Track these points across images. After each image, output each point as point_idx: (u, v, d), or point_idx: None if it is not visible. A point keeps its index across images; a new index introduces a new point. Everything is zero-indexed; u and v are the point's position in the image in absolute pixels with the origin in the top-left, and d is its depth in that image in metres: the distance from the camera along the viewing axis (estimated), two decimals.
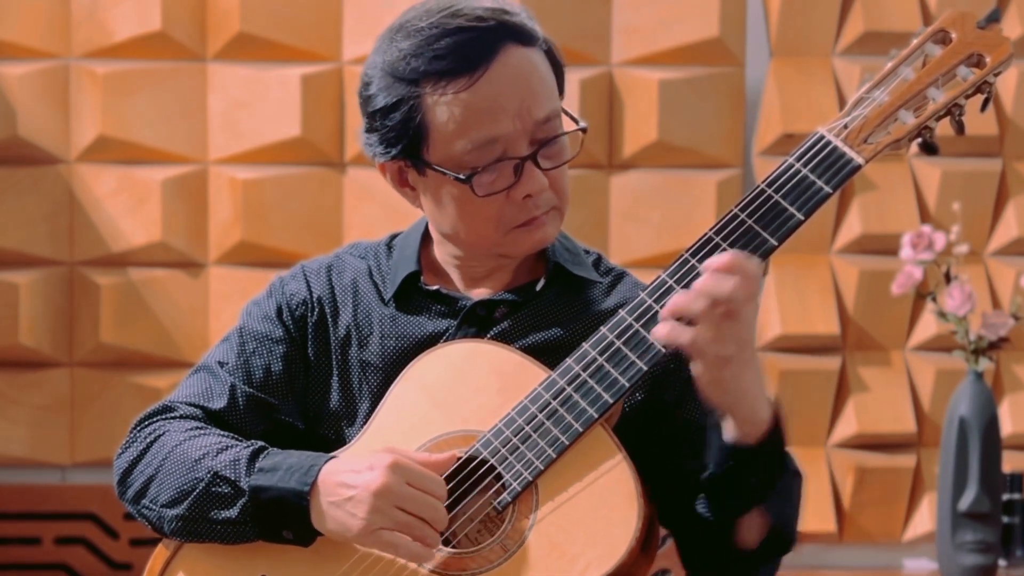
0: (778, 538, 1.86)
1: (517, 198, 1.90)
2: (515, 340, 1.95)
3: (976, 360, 3.49)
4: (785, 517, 1.86)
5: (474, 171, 1.88)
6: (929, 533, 3.85)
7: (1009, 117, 3.94)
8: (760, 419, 1.78)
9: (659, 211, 3.88)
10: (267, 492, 1.83)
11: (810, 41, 3.94)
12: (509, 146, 1.89)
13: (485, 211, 1.91)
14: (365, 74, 1.95)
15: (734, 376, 1.74)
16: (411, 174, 1.96)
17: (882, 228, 3.88)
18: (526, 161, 1.89)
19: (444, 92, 1.87)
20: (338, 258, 2.08)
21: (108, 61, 3.86)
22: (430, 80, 1.87)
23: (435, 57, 1.87)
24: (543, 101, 1.90)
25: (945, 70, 1.81)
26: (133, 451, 1.95)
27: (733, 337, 1.72)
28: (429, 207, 1.97)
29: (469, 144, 1.88)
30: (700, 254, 1.81)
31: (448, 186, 1.91)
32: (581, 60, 3.84)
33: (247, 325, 2.03)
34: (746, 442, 1.78)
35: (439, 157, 1.90)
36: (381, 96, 1.92)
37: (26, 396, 3.87)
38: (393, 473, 1.77)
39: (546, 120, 1.90)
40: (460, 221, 1.93)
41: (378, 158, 1.96)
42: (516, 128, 1.88)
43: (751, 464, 1.79)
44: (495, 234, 1.93)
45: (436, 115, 1.88)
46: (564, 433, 1.81)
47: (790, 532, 1.86)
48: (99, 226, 3.86)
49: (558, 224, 1.96)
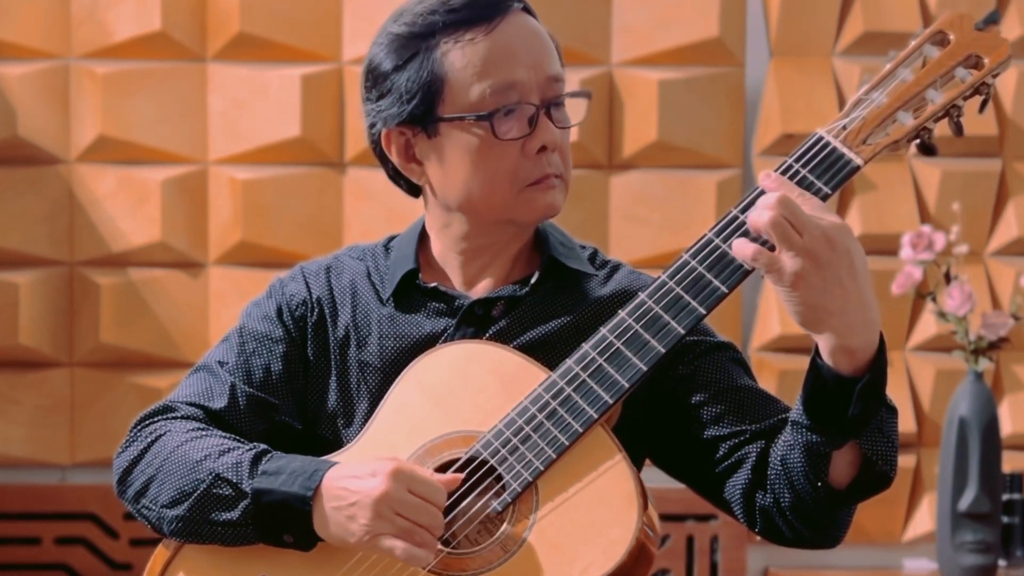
0: (873, 475, 1.81)
1: (531, 151, 1.92)
2: (514, 337, 1.96)
3: (976, 360, 3.49)
4: (880, 453, 1.80)
5: (495, 111, 1.91)
6: (929, 533, 3.86)
7: (1009, 117, 3.94)
8: (853, 348, 1.75)
9: (659, 211, 3.89)
10: (270, 495, 1.83)
11: (810, 41, 3.94)
12: (524, 95, 1.92)
13: (501, 163, 1.92)
14: (369, 54, 1.98)
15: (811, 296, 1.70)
16: (419, 143, 1.96)
17: (882, 228, 3.88)
18: (539, 112, 1.92)
19: (460, 40, 1.91)
20: (336, 260, 2.08)
21: (108, 61, 3.86)
22: (447, 30, 1.91)
23: (451, 10, 1.92)
24: (552, 60, 1.95)
25: (944, 71, 1.81)
26: (133, 450, 1.95)
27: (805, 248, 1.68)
28: (438, 176, 1.97)
29: (488, 88, 1.90)
30: (700, 255, 1.81)
31: (465, 138, 1.92)
32: (581, 60, 3.84)
33: (247, 325, 2.04)
34: (843, 371, 1.76)
35: (456, 106, 1.92)
36: (390, 59, 1.94)
37: (26, 396, 3.87)
38: (395, 480, 1.77)
39: (556, 79, 1.95)
40: (474, 178, 1.93)
41: (388, 123, 1.96)
42: (530, 79, 1.92)
43: (845, 396, 1.76)
44: (508, 191, 1.93)
45: (453, 62, 1.91)
46: (564, 434, 1.81)
47: (888, 468, 1.81)
48: (99, 226, 3.86)
49: (563, 195, 1.97)
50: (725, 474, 1.92)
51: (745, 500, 1.90)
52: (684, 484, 2.00)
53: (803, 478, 1.82)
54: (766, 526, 1.90)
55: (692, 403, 1.94)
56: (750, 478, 1.89)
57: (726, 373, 1.95)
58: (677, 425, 1.95)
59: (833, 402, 1.77)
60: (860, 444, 1.79)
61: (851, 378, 1.76)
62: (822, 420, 1.78)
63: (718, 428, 1.92)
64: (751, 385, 1.96)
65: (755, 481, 1.89)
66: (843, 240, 1.70)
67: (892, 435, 1.82)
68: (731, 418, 1.92)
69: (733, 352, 1.99)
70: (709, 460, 1.93)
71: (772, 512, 1.88)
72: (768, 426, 1.90)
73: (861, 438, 1.79)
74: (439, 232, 2.02)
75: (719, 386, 1.94)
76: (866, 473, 1.81)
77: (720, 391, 1.94)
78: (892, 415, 1.83)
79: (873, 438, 1.80)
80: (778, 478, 1.86)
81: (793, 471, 1.83)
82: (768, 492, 1.88)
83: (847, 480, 1.82)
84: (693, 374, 1.95)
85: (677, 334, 1.81)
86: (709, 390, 1.94)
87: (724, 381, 1.95)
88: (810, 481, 1.81)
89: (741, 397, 1.94)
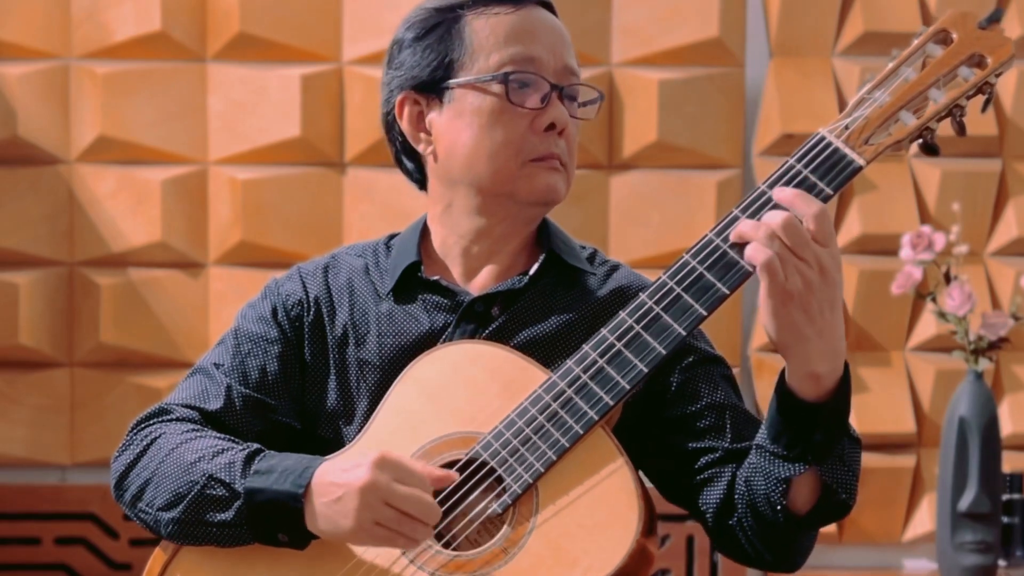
0: (833, 503, 1.83)
1: (540, 127, 1.95)
2: (514, 334, 1.96)
3: (976, 360, 3.49)
4: (842, 482, 1.83)
5: (512, 72, 1.94)
6: (929, 533, 3.86)
7: (1009, 117, 3.94)
8: (819, 374, 1.76)
9: (659, 211, 3.88)
10: (262, 494, 1.83)
11: (810, 41, 3.94)
12: (541, 71, 1.96)
13: (509, 131, 1.94)
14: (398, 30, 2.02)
15: (793, 317, 1.73)
16: (431, 111, 1.99)
17: (882, 228, 3.88)
18: (553, 91, 1.95)
19: (487, 12, 1.96)
20: (334, 258, 2.08)
21: (108, 61, 3.86)
22: (475, 6, 1.97)
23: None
24: (570, 54, 2.01)
25: (946, 71, 1.80)
26: (130, 454, 1.96)
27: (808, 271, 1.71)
28: (445, 144, 1.98)
29: (508, 56, 1.95)
30: (700, 256, 1.81)
31: (478, 101, 1.95)
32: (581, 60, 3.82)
33: (242, 327, 2.04)
34: (805, 396, 1.78)
35: (475, 70, 1.96)
36: (414, 30, 2.00)
37: (26, 396, 3.87)
38: (380, 470, 1.77)
39: (571, 72, 1.99)
40: (482, 144, 1.95)
41: (404, 87, 1.99)
42: (549, 60, 1.97)
43: (810, 421, 1.78)
44: (513, 162, 1.95)
45: (477, 30, 1.96)
46: (564, 435, 1.81)
47: (848, 497, 1.83)
48: (99, 226, 3.86)
49: (566, 184, 1.98)
50: (699, 486, 1.94)
51: (715, 517, 1.92)
52: (655, 486, 2.01)
53: (765, 501, 1.84)
54: (731, 545, 1.93)
55: (679, 413, 1.96)
56: (723, 496, 1.91)
57: (716, 388, 1.97)
58: (660, 430, 1.97)
59: (797, 428, 1.79)
60: (820, 472, 1.81)
61: (814, 404, 1.78)
62: (784, 445, 1.80)
63: (700, 441, 1.94)
64: (737, 404, 1.98)
65: (726, 500, 1.91)
66: (835, 273, 1.73)
67: (853, 464, 1.84)
68: (714, 434, 1.94)
69: (724, 368, 2.01)
70: (686, 470, 1.95)
71: (737, 532, 1.90)
72: (745, 447, 1.91)
73: (822, 465, 1.81)
74: (441, 217, 2.02)
75: (707, 400, 1.96)
76: (825, 500, 1.83)
77: (708, 406, 1.96)
78: (855, 445, 1.85)
79: (834, 466, 1.82)
80: (742, 500, 1.88)
81: (756, 494, 1.85)
82: (734, 513, 1.90)
83: (807, 507, 1.84)
84: (684, 384, 1.97)
85: (678, 335, 1.81)
86: (698, 403, 1.96)
87: (713, 396, 1.97)
88: (771, 505, 1.83)
89: (727, 415, 1.96)
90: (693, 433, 1.94)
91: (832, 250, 1.74)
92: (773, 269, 1.71)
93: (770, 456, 1.82)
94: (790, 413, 1.79)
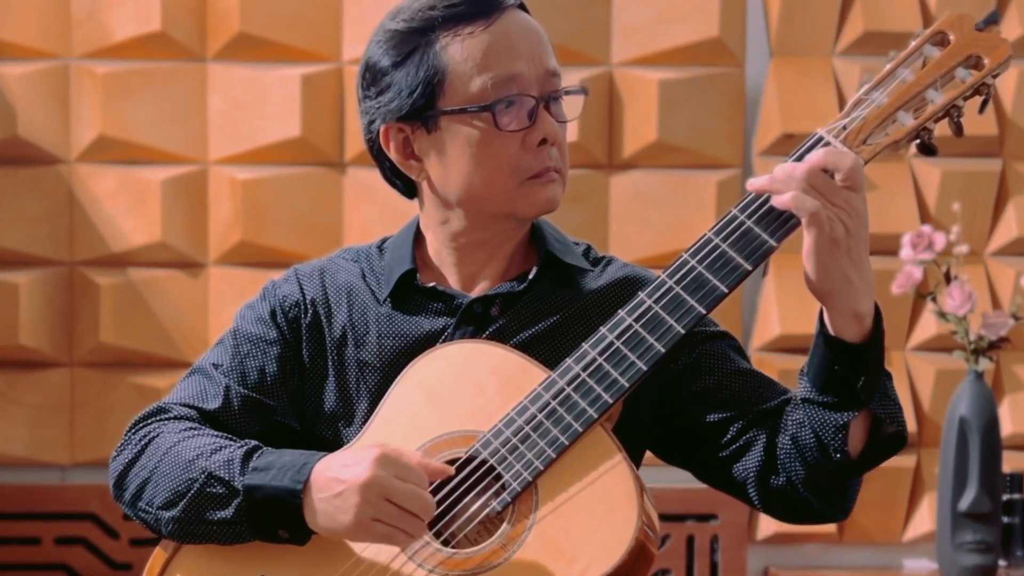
0: (887, 437, 1.86)
1: (532, 144, 1.93)
2: (513, 335, 1.96)
3: (976, 360, 3.49)
4: (892, 415, 1.85)
5: (496, 101, 1.92)
6: (929, 533, 3.86)
7: (1009, 117, 3.94)
8: (863, 313, 1.80)
9: (659, 211, 3.88)
10: (261, 491, 1.83)
11: (810, 41, 3.94)
12: (524, 87, 1.93)
13: (502, 156, 1.93)
14: (368, 50, 1.98)
15: (840, 262, 1.76)
16: (418, 139, 1.97)
17: (882, 228, 3.87)
18: (539, 106, 1.93)
19: (460, 33, 1.92)
20: (331, 261, 2.08)
21: (108, 61, 3.86)
22: (446, 25, 1.93)
23: (449, 5, 1.93)
24: (550, 55, 1.97)
25: (944, 72, 1.81)
26: (128, 454, 1.96)
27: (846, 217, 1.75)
28: (438, 171, 1.97)
29: (489, 80, 1.92)
30: (700, 255, 1.82)
31: (466, 131, 1.93)
32: (581, 60, 3.84)
33: (241, 327, 2.04)
34: (850, 339, 1.80)
35: (457, 98, 1.93)
36: (389, 56, 1.95)
37: (26, 396, 3.87)
38: (380, 466, 1.78)
39: (554, 74, 1.96)
40: (476, 171, 1.94)
41: (387, 119, 1.96)
42: (530, 72, 1.93)
43: (858, 363, 1.81)
44: (510, 184, 1.94)
45: (453, 55, 1.92)
46: (564, 433, 1.81)
47: (902, 428, 1.86)
48: (99, 226, 3.86)
49: (562, 190, 1.98)
50: (733, 457, 1.94)
51: (759, 482, 1.92)
52: (689, 471, 2.01)
53: (820, 452, 1.84)
54: (780, 505, 1.93)
55: (696, 390, 1.96)
56: (763, 459, 1.91)
57: (728, 359, 1.98)
58: (681, 414, 1.97)
59: (844, 373, 1.81)
60: (872, 408, 1.83)
61: (861, 345, 1.81)
62: (835, 393, 1.82)
63: (725, 411, 1.94)
64: (753, 369, 1.99)
65: (767, 462, 1.91)
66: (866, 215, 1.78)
67: (896, 397, 1.88)
68: (737, 401, 1.94)
69: (731, 340, 2.02)
70: (715, 444, 1.95)
71: (787, 491, 1.90)
72: (773, 407, 1.92)
73: (873, 403, 1.83)
74: (436, 230, 2.02)
75: (723, 371, 1.96)
76: (880, 436, 1.85)
77: (724, 376, 1.96)
78: (890, 379, 1.88)
79: (883, 402, 1.84)
80: (788, 457, 1.88)
81: (806, 447, 1.85)
82: (780, 472, 1.90)
83: (860, 447, 1.85)
84: (695, 362, 1.97)
85: (677, 334, 1.82)
86: (713, 376, 1.96)
87: (727, 366, 1.97)
88: (826, 455, 1.84)
89: (745, 381, 1.97)
90: (717, 404, 1.95)
91: (861, 194, 1.77)
92: (820, 219, 1.74)
93: (821, 407, 1.83)
94: (838, 359, 1.81)
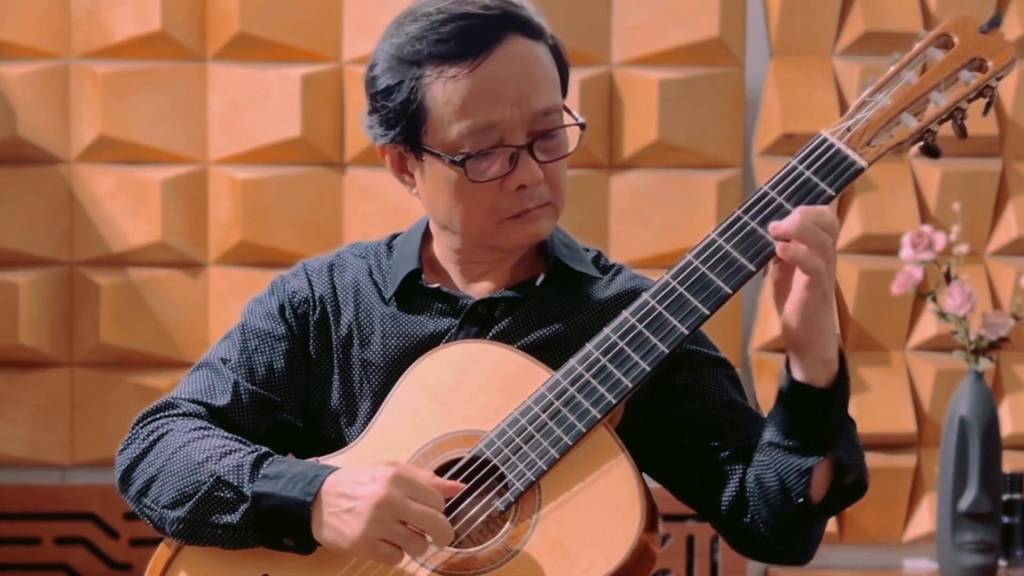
0: (848, 485, 1.86)
1: (511, 188, 1.90)
2: (517, 338, 1.96)
3: (976, 360, 3.49)
4: (855, 463, 1.86)
5: (468, 155, 1.89)
6: (929, 533, 3.86)
7: (1009, 117, 3.94)
8: (832, 359, 1.80)
9: (659, 211, 3.88)
10: (270, 499, 1.82)
11: (810, 41, 3.94)
12: (507, 134, 1.89)
13: (479, 199, 1.91)
14: (372, 57, 1.97)
15: (823, 312, 1.78)
16: (410, 159, 1.97)
17: (882, 228, 3.88)
18: (521, 151, 1.90)
19: (444, 75, 1.88)
20: (339, 257, 2.08)
21: (108, 61, 3.86)
22: (433, 62, 1.89)
23: (439, 40, 1.89)
24: (543, 93, 1.91)
25: (947, 74, 1.81)
26: (135, 448, 1.94)
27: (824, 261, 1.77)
28: (426, 194, 1.97)
29: (466, 129, 1.88)
30: (703, 256, 1.82)
31: (444, 171, 1.92)
32: (581, 60, 3.84)
33: (249, 322, 2.03)
34: (819, 384, 1.80)
35: (436, 141, 1.91)
36: (384, 78, 1.93)
37: (26, 396, 3.87)
38: (395, 486, 1.77)
39: (545, 113, 1.91)
40: (454, 208, 1.93)
41: (378, 140, 1.97)
42: (514, 116, 1.89)
43: (824, 407, 1.81)
44: (488, 223, 1.93)
45: (436, 97, 1.89)
46: (567, 433, 1.81)
47: (862, 476, 1.87)
48: (99, 226, 3.86)
49: (552, 220, 1.96)
50: (711, 485, 1.94)
51: (729, 514, 1.93)
52: (664, 486, 2.02)
53: (783, 496, 1.85)
54: (744, 541, 1.94)
55: (688, 412, 1.97)
56: (736, 494, 1.92)
57: (721, 388, 1.98)
58: (666, 433, 1.97)
59: (811, 418, 1.82)
60: (835, 454, 1.83)
61: (826, 390, 1.81)
62: (800, 438, 1.83)
63: (711, 439, 1.95)
64: (742, 402, 2.00)
65: (739, 497, 1.92)
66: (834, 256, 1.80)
67: (860, 445, 1.89)
68: (722, 432, 1.95)
69: (729, 369, 2.02)
70: (695, 469, 1.96)
71: (751, 529, 1.91)
72: (755, 443, 1.92)
73: (836, 448, 1.83)
74: (438, 235, 2.03)
75: (714, 400, 1.97)
76: (842, 483, 1.85)
77: (716, 404, 1.97)
78: (854, 426, 1.89)
79: (845, 448, 1.85)
80: (754, 497, 1.89)
81: (769, 490, 1.86)
82: (748, 510, 1.91)
83: (822, 493, 1.86)
84: (691, 384, 1.97)
85: (680, 334, 1.82)
86: (706, 401, 1.97)
87: (721, 395, 1.98)
88: (788, 499, 1.85)
89: (735, 413, 1.97)
90: (704, 431, 1.95)
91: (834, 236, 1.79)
92: (821, 277, 1.77)
93: (785, 451, 1.84)
94: (803, 405, 1.81)
